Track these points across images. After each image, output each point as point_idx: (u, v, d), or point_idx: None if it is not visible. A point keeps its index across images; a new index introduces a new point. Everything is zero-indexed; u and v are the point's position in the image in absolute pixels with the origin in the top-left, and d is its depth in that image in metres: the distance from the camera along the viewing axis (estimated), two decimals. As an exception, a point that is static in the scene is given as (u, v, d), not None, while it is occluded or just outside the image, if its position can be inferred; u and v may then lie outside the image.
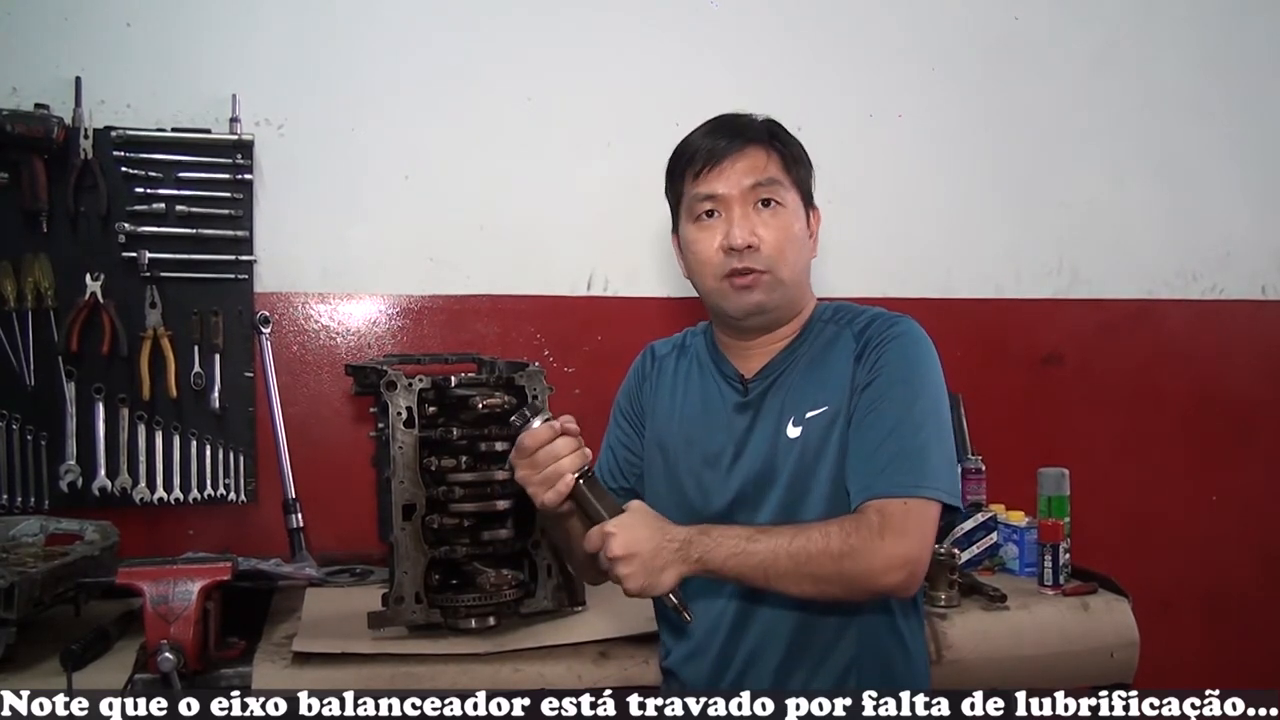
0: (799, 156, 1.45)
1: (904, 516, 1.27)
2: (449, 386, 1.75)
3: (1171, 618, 2.64)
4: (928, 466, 1.30)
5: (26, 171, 2.06)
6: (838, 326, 1.43)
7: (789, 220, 1.40)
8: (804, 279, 1.45)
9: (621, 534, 1.26)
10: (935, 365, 1.38)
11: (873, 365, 1.35)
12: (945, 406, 1.37)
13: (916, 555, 1.27)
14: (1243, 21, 2.78)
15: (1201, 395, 2.76)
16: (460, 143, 2.35)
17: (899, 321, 1.40)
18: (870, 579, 1.26)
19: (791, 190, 1.42)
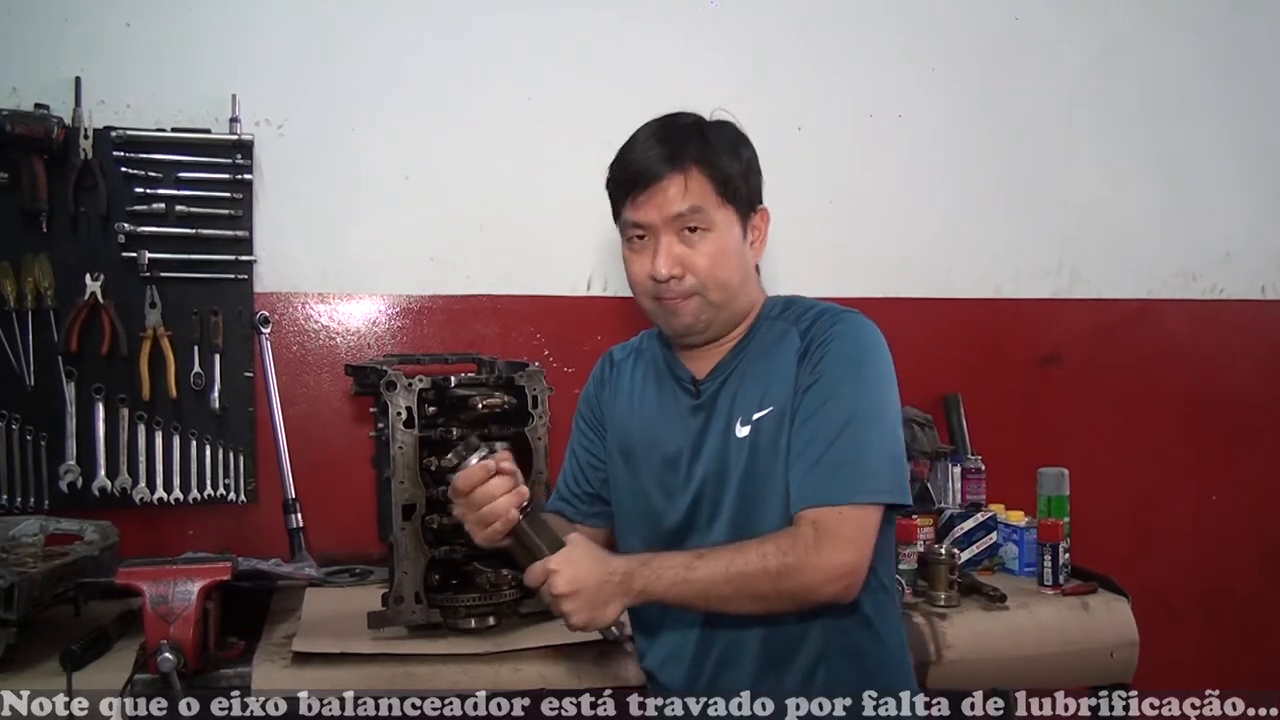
0: (729, 172, 1.39)
1: (839, 525, 1.28)
2: (449, 386, 1.75)
3: (1171, 618, 2.64)
4: (865, 470, 1.30)
5: (26, 171, 2.06)
6: (785, 323, 1.43)
7: (718, 243, 1.38)
8: (742, 291, 1.43)
9: (564, 571, 1.27)
10: (880, 360, 1.37)
11: (814, 365, 1.35)
12: (890, 403, 1.36)
13: (854, 563, 1.29)
14: (1243, 21, 2.78)
15: (1201, 395, 2.75)
16: (460, 143, 2.35)
17: (843, 318, 1.39)
18: (809, 593, 1.30)
19: (721, 209, 1.39)
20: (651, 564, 1.30)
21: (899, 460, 1.35)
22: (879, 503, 1.32)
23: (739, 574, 1.27)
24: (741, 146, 1.43)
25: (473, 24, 2.36)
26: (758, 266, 1.49)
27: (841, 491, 1.30)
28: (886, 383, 1.37)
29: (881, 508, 1.32)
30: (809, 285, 2.51)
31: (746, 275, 1.44)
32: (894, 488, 1.33)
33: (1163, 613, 2.52)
